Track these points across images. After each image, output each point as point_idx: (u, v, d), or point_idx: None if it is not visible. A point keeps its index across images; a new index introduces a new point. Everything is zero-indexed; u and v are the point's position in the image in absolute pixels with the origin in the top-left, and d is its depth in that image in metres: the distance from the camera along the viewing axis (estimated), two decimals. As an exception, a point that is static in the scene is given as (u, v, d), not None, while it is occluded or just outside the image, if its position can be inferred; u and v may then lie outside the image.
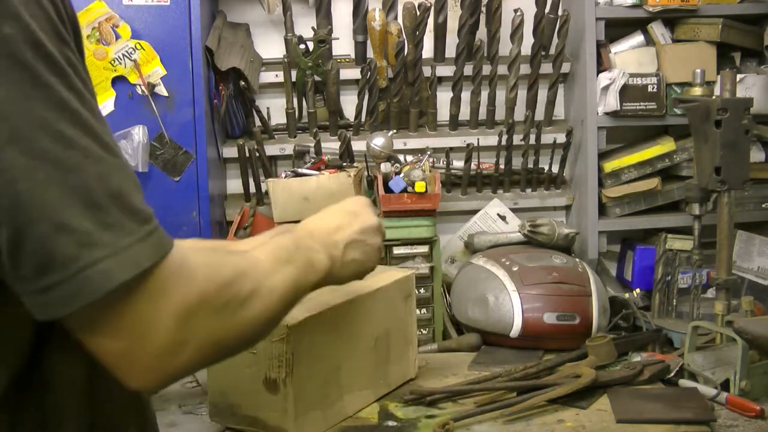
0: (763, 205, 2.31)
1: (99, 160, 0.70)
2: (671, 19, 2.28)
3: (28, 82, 0.68)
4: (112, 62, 1.94)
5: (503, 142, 2.24)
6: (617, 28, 2.28)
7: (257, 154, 2.14)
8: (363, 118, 2.28)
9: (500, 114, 2.32)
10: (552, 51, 2.29)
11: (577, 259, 2.06)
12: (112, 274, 0.68)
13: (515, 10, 2.21)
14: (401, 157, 2.13)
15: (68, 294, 0.68)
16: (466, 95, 2.29)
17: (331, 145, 2.19)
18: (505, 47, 2.24)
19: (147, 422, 0.92)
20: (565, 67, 2.31)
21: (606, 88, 2.19)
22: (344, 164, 2.11)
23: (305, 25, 2.25)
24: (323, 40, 2.19)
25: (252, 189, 2.19)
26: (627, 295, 2.21)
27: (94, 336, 0.72)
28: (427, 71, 2.26)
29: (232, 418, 1.45)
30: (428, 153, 2.15)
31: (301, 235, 1.06)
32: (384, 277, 1.59)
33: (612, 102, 2.19)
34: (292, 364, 1.35)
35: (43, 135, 0.68)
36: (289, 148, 2.23)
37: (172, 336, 0.73)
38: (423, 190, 1.96)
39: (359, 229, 1.19)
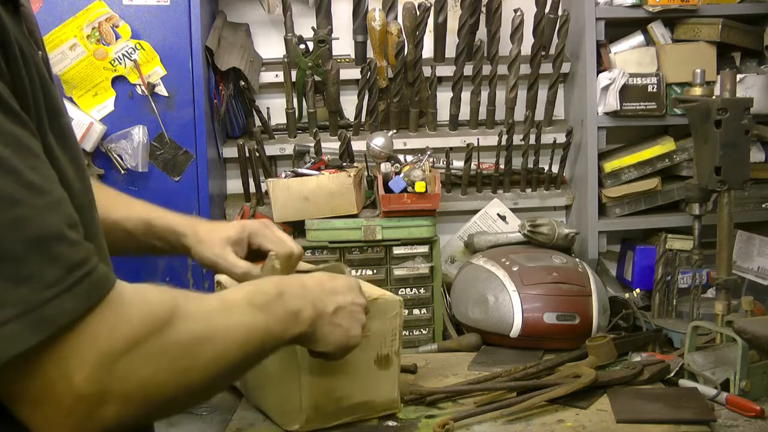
0: (763, 205, 2.31)
1: (16, 203, 0.63)
2: (671, 19, 2.28)
3: None
4: (112, 62, 1.94)
5: (503, 142, 2.23)
6: (617, 28, 2.27)
7: (257, 154, 2.14)
8: (363, 118, 2.28)
9: (500, 114, 2.32)
10: (552, 51, 2.29)
11: (577, 259, 2.06)
12: (19, 337, 0.62)
13: (515, 10, 2.21)
14: (401, 157, 2.13)
15: None
16: (466, 95, 2.29)
17: (331, 145, 2.19)
18: (505, 47, 2.24)
19: None
20: (565, 67, 2.31)
21: (606, 88, 2.19)
22: (344, 164, 2.11)
23: (305, 25, 2.25)
24: (323, 40, 2.19)
25: (252, 189, 2.19)
26: (627, 295, 2.21)
27: (11, 402, 0.66)
28: (427, 71, 2.25)
29: (336, 415, 1.43)
30: (428, 153, 2.15)
31: (291, 285, 1.03)
32: None
33: (612, 102, 2.19)
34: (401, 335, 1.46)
35: None
36: (289, 148, 2.23)
37: (88, 389, 0.66)
38: (423, 190, 1.96)
39: (352, 300, 1.17)
